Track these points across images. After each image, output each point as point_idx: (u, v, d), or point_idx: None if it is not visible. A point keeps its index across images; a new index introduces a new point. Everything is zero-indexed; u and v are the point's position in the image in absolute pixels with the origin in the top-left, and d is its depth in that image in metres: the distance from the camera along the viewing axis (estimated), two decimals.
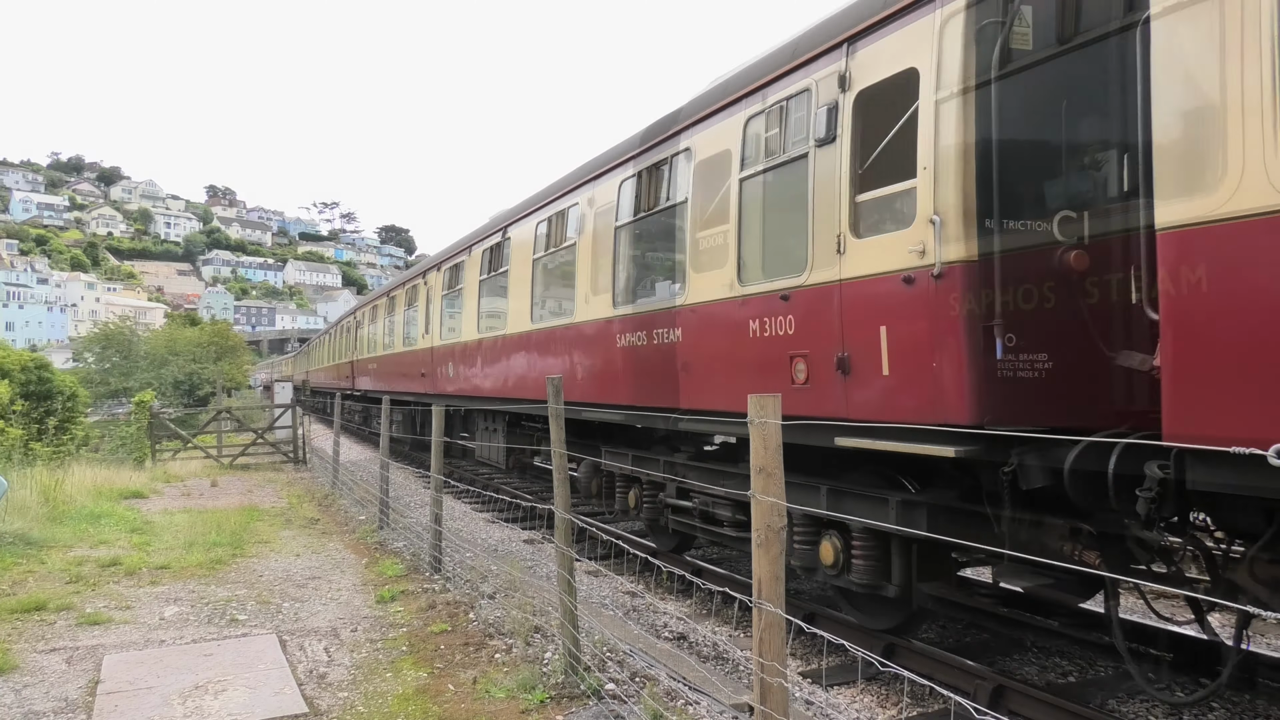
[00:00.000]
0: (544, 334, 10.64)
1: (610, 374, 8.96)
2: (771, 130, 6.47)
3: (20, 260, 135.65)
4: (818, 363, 5.83)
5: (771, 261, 6.58)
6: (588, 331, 9.50)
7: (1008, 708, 5.10)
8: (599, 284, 9.18)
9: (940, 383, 4.91)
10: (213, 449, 21.27)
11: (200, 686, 5.38)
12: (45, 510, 11.38)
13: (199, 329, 58.06)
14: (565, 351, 10.14)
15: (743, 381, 6.54)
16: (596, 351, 9.31)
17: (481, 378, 13.34)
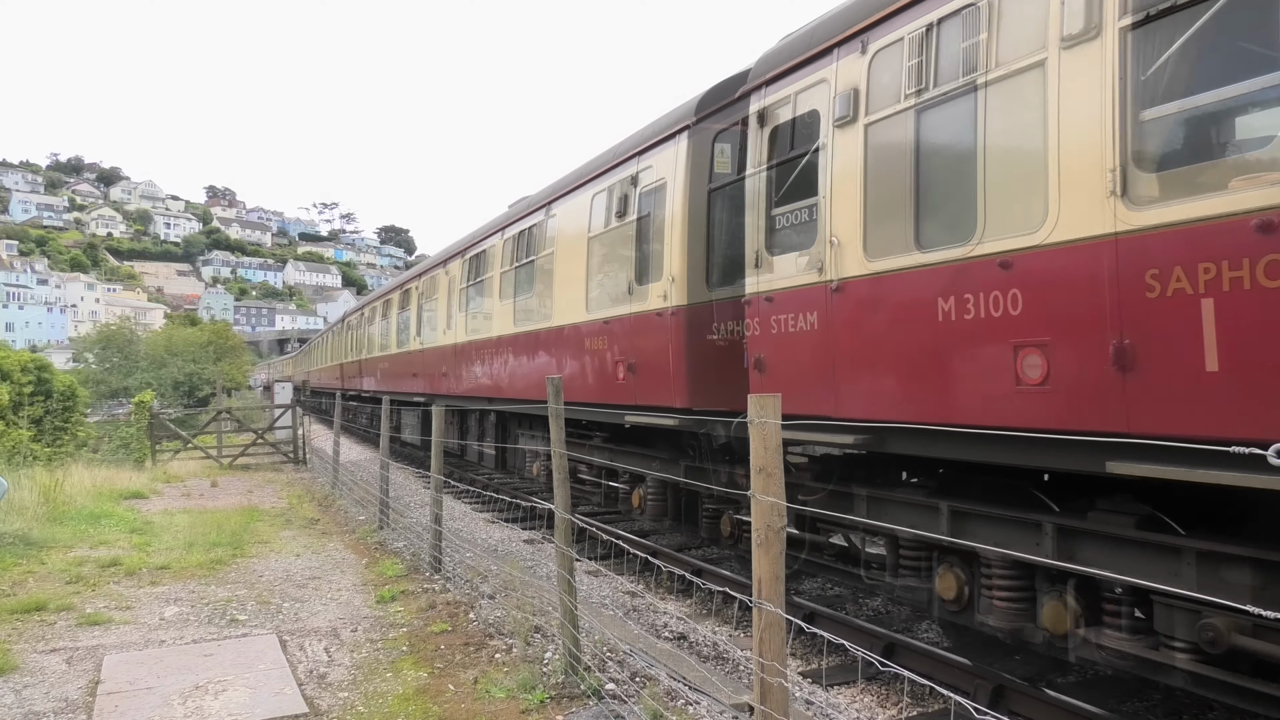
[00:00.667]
0: (605, 325, 9.27)
1: (724, 373, 7.59)
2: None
3: (20, 261, 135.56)
4: (1066, 354, 4.36)
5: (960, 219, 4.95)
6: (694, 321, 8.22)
7: (1008, 707, 5.10)
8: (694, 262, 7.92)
9: None
10: (213, 449, 21.27)
11: (200, 687, 5.38)
12: (45, 510, 11.38)
13: (198, 329, 58.08)
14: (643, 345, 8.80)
15: (921, 382, 5.11)
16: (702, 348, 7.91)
17: (515, 378, 12.27)
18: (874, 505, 6.02)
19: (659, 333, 7.91)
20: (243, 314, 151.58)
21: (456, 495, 14.21)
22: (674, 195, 7.88)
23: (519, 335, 11.86)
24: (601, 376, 9.21)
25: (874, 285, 5.45)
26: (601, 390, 9.22)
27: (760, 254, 6.59)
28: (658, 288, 8.07)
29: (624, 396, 8.59)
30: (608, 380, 9.03)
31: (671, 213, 7.87)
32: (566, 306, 10.25)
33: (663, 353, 7.85)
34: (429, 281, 17.69)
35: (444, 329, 15.96)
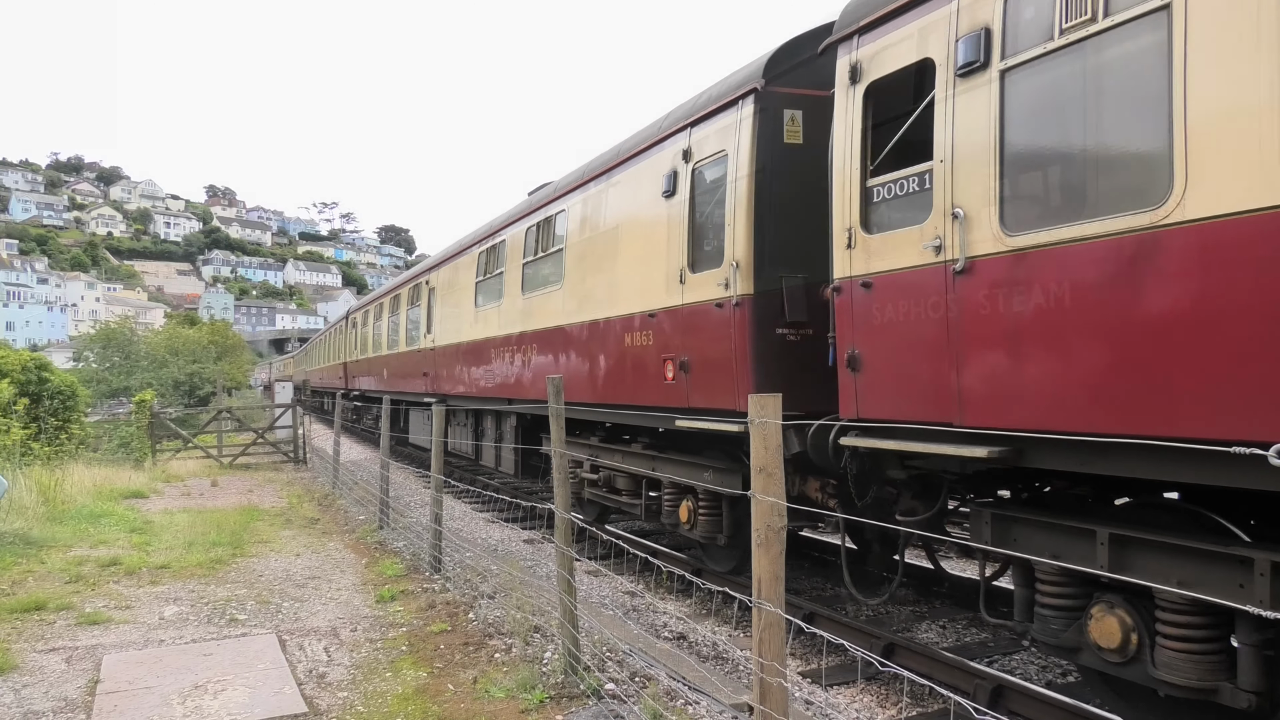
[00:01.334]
0: (649, 319, 8.25)
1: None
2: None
3: (20, 260, 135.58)
4: None
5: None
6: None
7: (1007, 708, 5.10)
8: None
9: None
10: (213, 449, 21.27)
11: (200, 686, 5.38)
12: (45, 510, 11.38)
13: (199, 329, 58.08)
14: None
15: (1094, 383, 4.16)
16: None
17: (540, 378, 11.06)
18: (1002, 527, 4.98)
19: (719, 326, 6.97)
20: (243, 313, 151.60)
21: (456, 495, 14.21)
22: (737, 169, 6.86)
23: (544, 331, 10.81)
24: (645, 376, 8.19)
25: (1014, 265, 4.53)
26: (645, 391, 8.23)
27: (854, 232, 5.62)
28: (716, 275, 7.02)
29: (673, 398, 7.66)
30: (652, 380, 8.01)
31: (734, 189, 6.83)
32: (602, 299, 9.20)
33: (724, 348, 6.92)
34: (440, 276, 16.72)
35: (457, 325, 14.87)
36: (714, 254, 7.21)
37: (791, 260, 6.76)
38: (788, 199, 6.81)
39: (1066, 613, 4.65)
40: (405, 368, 19.05)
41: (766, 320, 6.64)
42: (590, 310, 9.49)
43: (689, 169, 7.59)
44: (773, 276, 6.74)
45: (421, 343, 17.62)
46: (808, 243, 6.55)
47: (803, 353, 6.64)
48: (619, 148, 9.30)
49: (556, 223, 10.79)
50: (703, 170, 7.46)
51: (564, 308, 10.21)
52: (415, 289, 18.79)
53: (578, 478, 10.05)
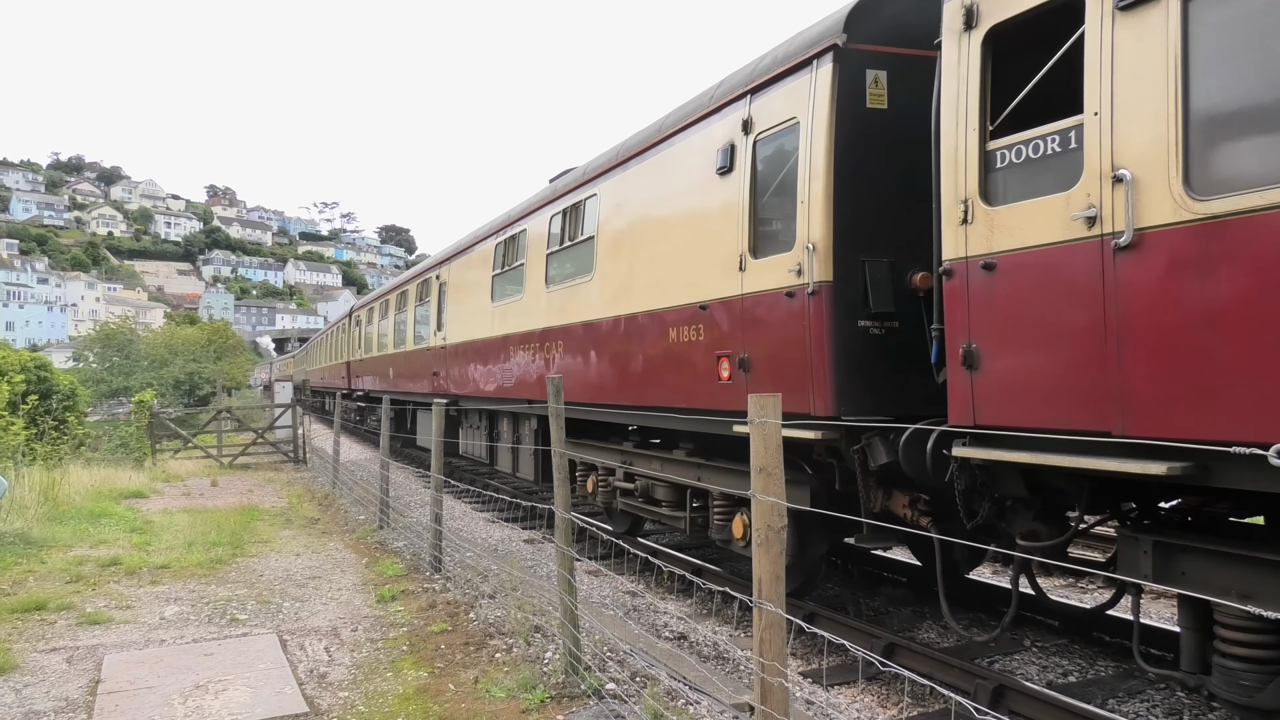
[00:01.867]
0: (700, 311, 7.37)
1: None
2: None
3: (20, 260, 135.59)
4: None
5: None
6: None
7: (1008, 708, 5.10)
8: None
9: None
10: (213, 449, 21.28)
11: (201, 686, 5.38)
12: (45, 510, 11.39)
13: (198, 329, 58.08)
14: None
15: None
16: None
17: (567, 378, 9.75)
18: (1165, 557, 4.31)
19: (789, 318, 6.10)
20: (243, 313, 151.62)
21: (457, 495, 14.21)
22: (812, 138, 5.98)
23: (571, 327, 9.91)
24: (694, 375, 7.31)
25: (1204, 236, 3.72)
26: (693, 392, 7.37)
27: (971, 205, 4.81)
28: (786, 260, 6.13)
29: (729, 400, 6.79)
30: (704, 380, 7.14)
31: (808, 162, 5.96)
32: (640, 290, 8.28)
33: (795, 344, 6.04)
34: (452, 270, 15.69)
35: (471, 322, 13.95)
36: (782, 236, 6.33)
37: (875, 242, 5.91)
38: (871, 172, 5.96)
39: (1265, 666, 3.89)
40: (413, 367, 18.19)
41: (847, 311, 5.80)
42: (626, 303, 8.56)
43: (749, 142, 6.68)
44: (854, 261, 5.86)
45: (431, 341, 16.70)
46: (893, 222, 5.86)
47: (888, 349, 5.85)
48: (661, 123, 8.32)
49: (586, 209, 9.80)
50: (767, 142, 6.56)
51: (595, 301, 9.28)
52: (424, 284, 17.77)
53: (609, 487, 9.39)
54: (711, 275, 7.09)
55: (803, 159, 6.09)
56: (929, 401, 5.40)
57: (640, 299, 8.28)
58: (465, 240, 15.38)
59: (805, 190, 6.03)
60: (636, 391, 8.38)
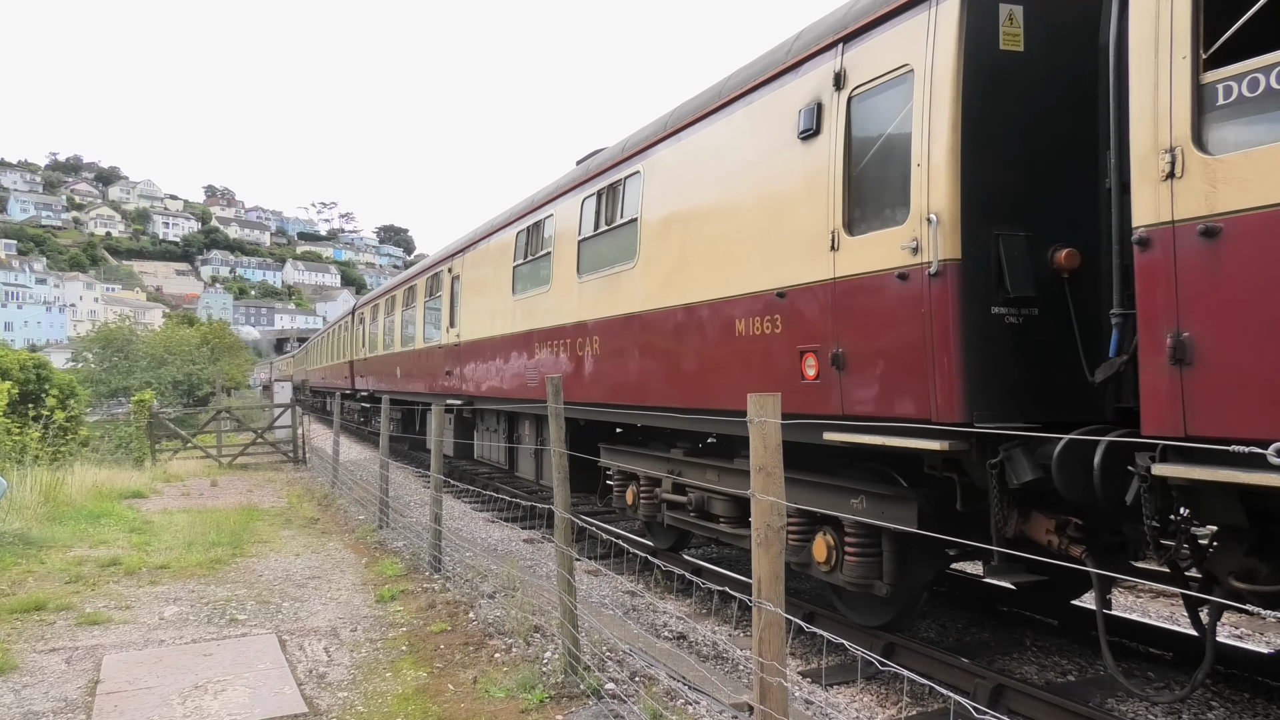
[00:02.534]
0: (777, 299, 6.36)
1: None
2: None
3: (19, 260, 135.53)
4: None
5: None
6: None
7: (1007, 707, 5.10)
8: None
9: None
10: (212, 449, 21.27)
11: (200, 686, 5.38)
12: (45, 510, 11.39)
13: (195, 329, 58.02)
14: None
15: None
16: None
17: (601, 378, 9.14)
18: None
19: (901, 304, 5.17)
20: (242, 313, 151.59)
21: (456, 495, 14.21)
22: (932, 89, 5.05)
23: (609, 321, 8.87)
24: (767, 374, 6.40)
25: None
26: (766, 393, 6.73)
27: (1180, 155, 3.85)
28: (897, 235, 5.20)
29: (816, 403, 5.85)
30: (780, 379, 6.21)
31: (926, 116, 5.05)
32: (697, 277, 7.35)
33: (909, 335, 5.12)
34: (466, 261, 14.57)
35: (489, 317, 12.96)
36: (891, 207, 5.37)
37: (1010, 212, 4.99)
38: (1005, 127, 5.03)
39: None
40: (423, 366, 17.07)
41: (978, 295, 4.88)
42: (678, 293, 7.61)
43: (841, 98, 5.70)
44: (985, 235, 4.92)
45: (443, 338, 15.58)
46: (1031, 188, 5.01)
47: (1028, 340, 4.93)
48: (720, 86, 7.32)
49: (626, 189, 8.78)
50: (867, 98, 5.60)
51: (638, 291, 8.29)
52: (434, 278, 16.65)
53: (654, 499, 8.61)
54: (791, 257, 6.14)
55: (919, 114, 5.11)
56: (1077, 405, 4.73)
57: (696, 287, 7.34)
58: (481, 230, 14.26)
59: (923, 151, 5.06)
60: (690, 392, 7.42)
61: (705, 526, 7.87)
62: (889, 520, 5.59)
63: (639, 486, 8.85)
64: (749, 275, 6.64)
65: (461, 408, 14.47)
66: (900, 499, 5.62)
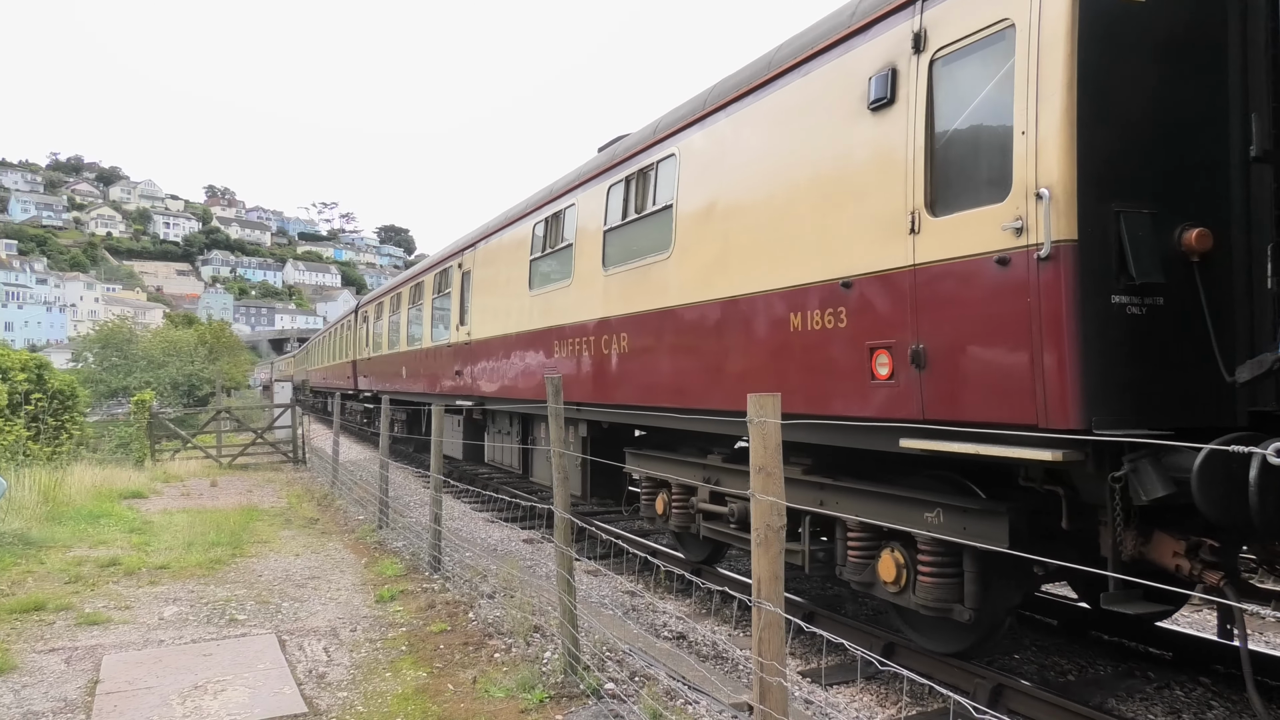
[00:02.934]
0: (843, 290, 5.65)
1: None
2: None
3: (19, 260, 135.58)
4: None
5: None
6: None
7: (1007, 707, 5.10)
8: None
9: None
10: (212, 449, 21.27)
11: (200, 686, 5.38)
12: (44, 510, 11.38)
13: (195, 329, 58.03)
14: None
15: None
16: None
17: (627, 379, 8.56)
18: None
19: (1002, 292, 4.56)
20: (242, 313, 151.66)
21: (456, 495, 14.21)
22: (1040, 44, 4.43)
23: (641, 317, 8.22)
24: (828, 372, 5.78)
25: None
26: (825, 394, 5.80)
27: None
28: (996, 214, 4.59)
29: (890, 406, 5.23)
30: (844, 379, 5.60)
31: (1035, 76, 4.43)
32: (742, 268, 6.69)
33: (1013, 327, 4.49)
34: (478, 255, 13.86)
35: (503, 314, 12.32)
36: (987, 183, 4.75)
37: (1134, 186, 4.41)
38: (1127, 87, 4.45)
39: None
40: (430, 365, 16.46)
41: (1096, 281, 4.29)
42: (720, 285, 6.98)
43: (921, 63, 5.10)
44: (1105, 212, 4.33)
45: (453, 336, 14.88)
46: (1156, 158, 4.43)
47: (1153, 334, 4.35)
48: (770, 58, 6.69)
49: (659, 174, 8.16)
50: (954, 59, 4.99)
51: (674, 284, 7.68)
52: (443, 274, 15.83)
53: (687, 508, 7.96)
54: (859, 242, 5.51)
55: (1022, 74, 4.56)
56: (1207, 408, 4.30)
57: (742, 278, 6.69)
58: (494, 222, 13.47)
59: (1029, 117, 4.47)
60: (732, 394, 6.77)
61: (749, 540, 7.20)
62: (974, 537, 4.94)
63: (671, 495, 8.23)
64: (806, 264, 5.99)
65: (472, 409, 13.95)
66: (988, 514, 5.01)
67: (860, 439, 5.56)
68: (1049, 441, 4.26)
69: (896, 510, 5.57)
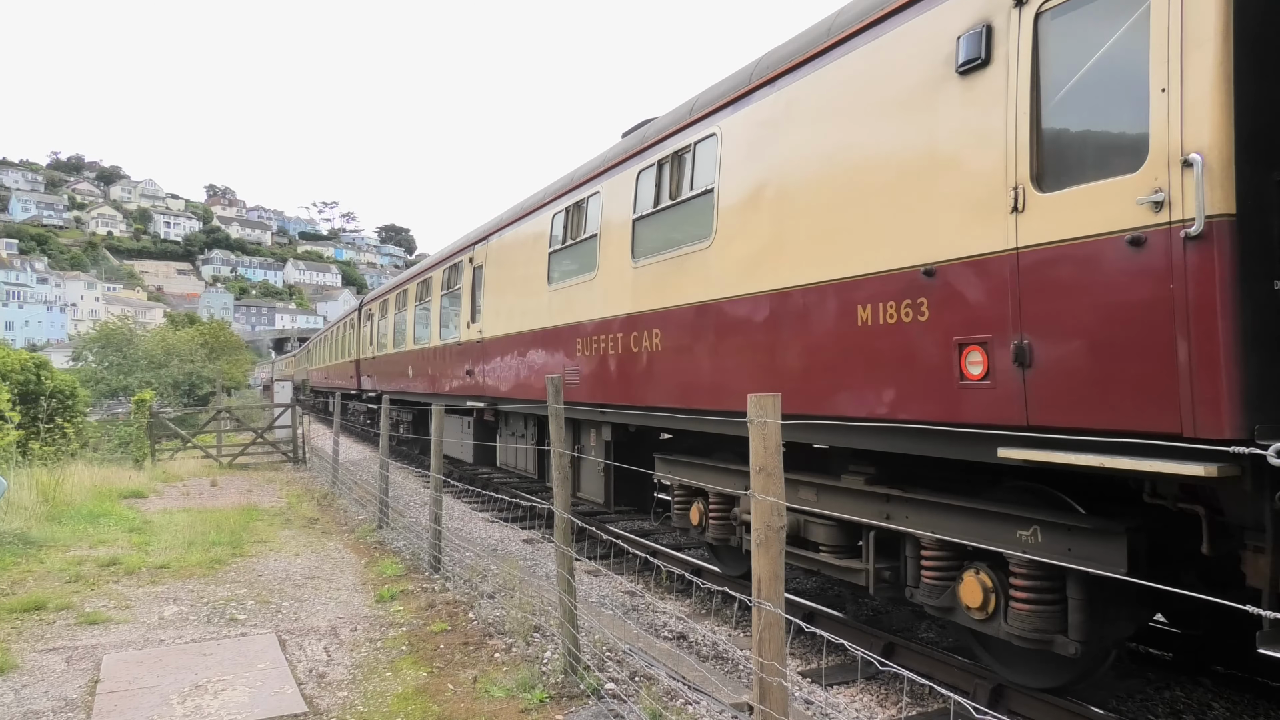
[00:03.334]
0: (924, 280, 5.03)
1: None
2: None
3: (20, 260, 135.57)
4: None
5: None
6: None
7: (1007, 707, 5.10)
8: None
9: None
10: (212, 449, 21.27)
11: (200, 686, 5.38)
12: (45, 510, 11.39)
13: (196, 329, 58.06)
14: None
15: None
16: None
17: (660, 380, 7.94)
18: None
19: (1136, 278, 3.94)
20: (242, 313, 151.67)
21: (456, 495, 14.21)
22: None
23: (675, 312, 7.61)
24: (903, 371, 5.13)
25: None
26: (901, 396, 5.14)
27: None
28: (1128, 186, 3.96)
29: (980, 409, 4.63)
30: (924, 377, 4.98)
31: (1180, 25, 3.85)
32: (798, 256, 6.04)
33: (1151, 320, 3.87)
34: (491, 249, 13.18)
35: (519, 310, 11.82)
36: (1115, 150, 4.16)
37: None
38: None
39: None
40: (439, 364, 15.88)
41: (1258, 264, 3.72)
42: (770, 275, 6.35)
43: (1025, 16, 4.56)
44: (1266, 184, 3.77)
45: (463, 334, 14.27)
46: None
47: None
48: (829, 24, 6.09)
49: (697, 156, 7.51)
50: (1067, 10, 4.40)
51: (714, 275, 7.07)
52: (452, 269, 15.06)
53: (729, 519, 7.37)
54: (945, 225, 4.90)
55: (1160, 20, 3.97)
56: None
57: (797, 268, 6.05)
58: (508, 214, 12.85)
59: (1170, 72, 3.87)
60: (789, 395, 5.70)
61: (802, 556, 6.46)
62: (1082, 560, 4.40)
63: (708, 504, 7.63)
64: (877, 251, 5.35)
65: (484, 409, 13.38)
66: (1101, 534, 4.39)
67: (942, 446, 4.88)
68: (1198, 454, 3.63)
69: (982, 527, 4.97)
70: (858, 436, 5.59)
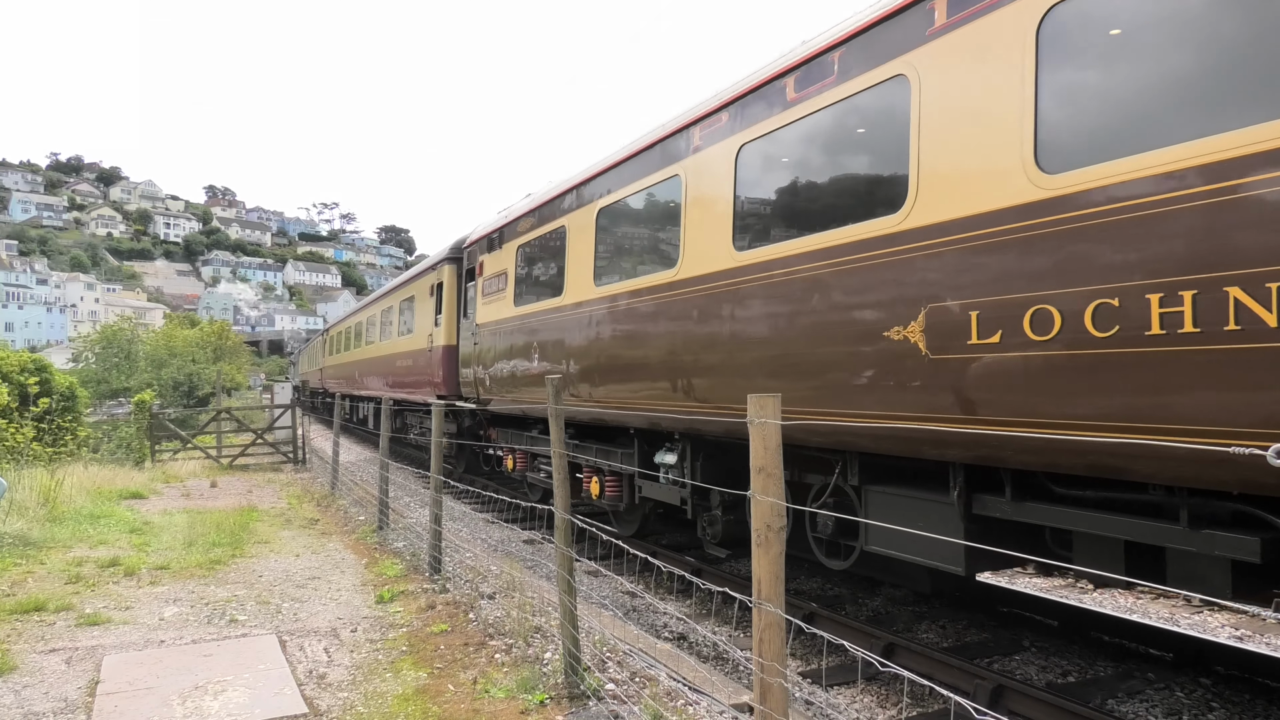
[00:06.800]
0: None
1: None
2: None
3: (20, 261, 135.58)
4: None
5: None
6: None
7: (1008, 707, 5.10)
8: None
9: None
10: (212, 449, 21.27)
11: (200, 687, 5.38)
12: (45, 511, 11.37)
13: (197, 330, 58.05)
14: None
15: None
16: None
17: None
18: None
19: None
20: (243, 313, 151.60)
21: (456, 495, 14.21)
22: None
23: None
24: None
25: None
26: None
27: None
28: None
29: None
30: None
31: None
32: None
33: None
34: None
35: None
36: None
37: None
38: None
39: None
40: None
41: None
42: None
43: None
44: None
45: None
46: None
47: None
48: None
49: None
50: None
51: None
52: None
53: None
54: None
55: None
56: None
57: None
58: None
59: None
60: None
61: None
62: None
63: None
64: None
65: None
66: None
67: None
68: None
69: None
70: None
